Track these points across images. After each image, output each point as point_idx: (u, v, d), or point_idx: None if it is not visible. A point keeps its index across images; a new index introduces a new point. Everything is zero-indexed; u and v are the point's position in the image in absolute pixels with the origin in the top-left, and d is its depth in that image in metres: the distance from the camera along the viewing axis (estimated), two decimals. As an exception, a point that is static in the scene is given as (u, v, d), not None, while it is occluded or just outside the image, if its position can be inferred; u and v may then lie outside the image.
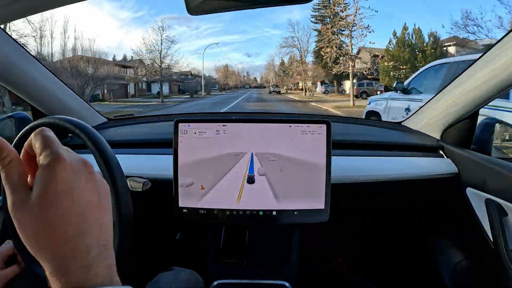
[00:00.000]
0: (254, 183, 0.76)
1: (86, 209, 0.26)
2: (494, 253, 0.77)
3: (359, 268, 1.27)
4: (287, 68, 31.86)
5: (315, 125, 0.76)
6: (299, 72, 26.25)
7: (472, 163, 0.86)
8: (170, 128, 0.77)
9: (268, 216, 0.77)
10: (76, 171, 0.26)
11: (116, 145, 0.96)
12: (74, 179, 0.25)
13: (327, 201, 0.76)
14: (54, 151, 0.25)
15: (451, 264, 0.98)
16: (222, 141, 0.76)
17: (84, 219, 0.25)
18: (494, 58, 0.74)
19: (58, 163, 0.25)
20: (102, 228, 0.26)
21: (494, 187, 0.79)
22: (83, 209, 0.25)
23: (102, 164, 0.48)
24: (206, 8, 0.50)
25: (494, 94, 0.79)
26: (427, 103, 1.05)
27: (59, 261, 0.24)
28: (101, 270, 0.25)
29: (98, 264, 0.25)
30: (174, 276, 0.74)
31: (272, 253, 0.91)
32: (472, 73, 0.82)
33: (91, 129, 0.50)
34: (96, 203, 0.26)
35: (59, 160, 0.25)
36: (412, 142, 1.02)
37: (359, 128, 1.21)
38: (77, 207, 0.25)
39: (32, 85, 0.89)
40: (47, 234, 0.24)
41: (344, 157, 0.92)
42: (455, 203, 0.94)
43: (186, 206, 0.77)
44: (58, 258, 0.24)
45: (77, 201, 0.25)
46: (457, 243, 1.00)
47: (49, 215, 0.24)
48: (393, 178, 0.89)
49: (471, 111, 0.88)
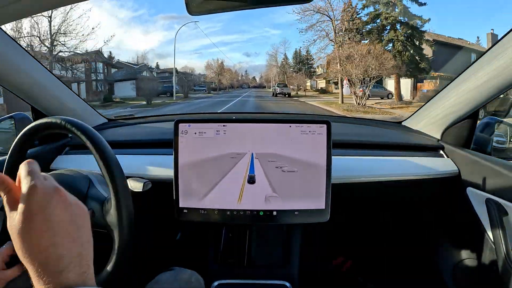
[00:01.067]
0: (254, 183, 0.76)
1: (57, 226, 0.32)
2: (494, 253, 0.77)
3: (360, 268, 1.27)
4: (307, 57, 20.42)
5: (315, 125, 0.76)
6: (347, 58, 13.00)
7: (472, 163, 0.86)
8: (170, 129, 0.77)
9: (269, 216, 0.77)
10: (48, 196, 0.32)
11: (117, 145, 0.96)
12: (45, 202, 0.32)
13: (328, 201, 0.76)
14: (30, 181, 0.32)
15: (451, 264, 0.98)
16: (222, 141, 0.76)
17: (56, 233, 0.31)
18: (494, 58, 0.74)
19: (32, 189, 0.32)
20: (75, 241, 0.32)
21: (494, 187, 0.79)
22: (54, 225, 0.31)
23: (102, 164, 0.48)
24: (206, 8, 0.50)
25: (494, 94, 0.79)
26: (427, 103, 1.05)
27: (37, 266, 0.30)
28: (72, 276, 0.30)
29: (69, 270, 0.30)
30: (174, 276, 0.74)
31: (272, 253, 0.91)
32: (472, 73, 0.82)
33: (91, 129, 0.50)
34: (68, 221, 0.32)
35: (33, 187, 0.32)
36: (413, 142, 1.02)
37: (359, 128, 1.21)
38: (49, 223, 0.31)
39: (32, 85, 0.89)
40: (26, 244, 0.31)
41: (344, 157, 0.92)
42: (455, 203, 0.94)
43: (186, 206, 0.77)
44: (36, 263, 0.30)
45: (48, 218, 0.31)
46: (457, 242, 1.00)
47: (27, 229, 0.31)
48: (394, 178, 0.89)
49: (471, 111, 0.88)
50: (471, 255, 0.93)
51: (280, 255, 0.91)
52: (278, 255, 0.91)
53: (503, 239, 0.74)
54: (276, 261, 0.90)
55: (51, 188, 0.33)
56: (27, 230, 0.31)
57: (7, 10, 0.56)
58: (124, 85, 18.58)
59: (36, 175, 0.34)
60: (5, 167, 0.56)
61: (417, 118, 1.12)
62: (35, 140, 0.95)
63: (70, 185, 0.54)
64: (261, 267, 0.89)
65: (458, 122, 0.94)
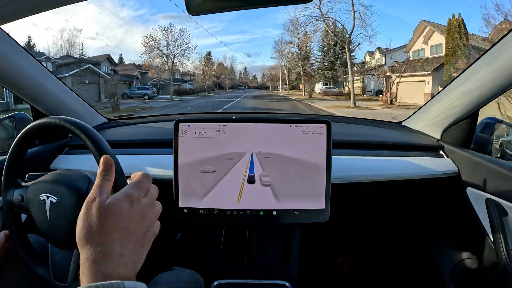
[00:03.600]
0: (254, 183, 0.76)
1: (132, 228, 0.36)
2: (494, 253, 0.77)
3: (359, 268, 1.27)
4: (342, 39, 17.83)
5: (315, 125, 0.76)
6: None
7: (472, 163, 0.86)
8: (170, 129, 0.77)
9: (269, 216, 0.77)
10: (140, 209, 0.38)
11: (116, 145, 0.96)
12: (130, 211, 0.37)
13: (327, 201, 0.76)
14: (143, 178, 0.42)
15: (451, 264, 0.98)
16: (222, 141, 0.76)
17: (130, 233, 0.36)
18: (494, 58, 0.74)
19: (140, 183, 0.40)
20: (136, 249, 0.36)
21: (494, 187, 0.79)
22: (131, 224, 0.36)
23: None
24: (206, 8, 0.50)
25: (494, 94, 0.79)
26: (427, 103, 1.05)
27: (98, 251, 0.33)
28: (122, 271, 0.33)
29: (119, 265, 0.34)
30: (174, 276, 0.74)
31: (272, 253, 0.91)
32: (472, 73, 0.82)
33: (91, 129, 0.50)
34: (142, 231, 0.38)
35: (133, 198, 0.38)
36: (412, 142, 1.02)
37: (359, 128, 1.21)
38: (131, 225, 0.36)
39: (32, 85, 0.89)
40: (103, 227, 0.34)
41: (344, 157, 0.92)
42: (455, 203, 0.94)
43: (186, 206, 0.77)
44: (98, 249, 0.33)
45: (131, 220, 0.36)
46: (457, 243, 1.00)
47: (114, 214, 0.35)
48: (393, 178, 0.89)
49: (471, 111, 0.88)
50: (471, 255, 0.93)
51: (280, 255, 0.91)
52: (278, 255, 0.91)
53: (503, 239, 0.74)
54: (276, 261, 0.90)
55: (150, 203, 0.40)
56: (118, 212, 0.35)
57: (7, 10, 0.56)
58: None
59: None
60: (5, 167, 0.56)
61: (417, 118, 1.12)
62: (35, 140, 0.96)
63: (70, 184, 0.54)
64: (261, 267, 0.89)
65: (458, 122, 0.94)
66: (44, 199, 0.53)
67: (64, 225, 0.52)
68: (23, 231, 0.58)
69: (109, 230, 0.34)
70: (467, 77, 0.83)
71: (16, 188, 0.57)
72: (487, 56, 0.76)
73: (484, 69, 0.77)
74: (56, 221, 0.53)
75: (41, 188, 0.54)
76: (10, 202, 0.57)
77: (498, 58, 0.73)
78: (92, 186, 0.39)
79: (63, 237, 0.53)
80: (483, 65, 0.78)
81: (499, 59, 0.72)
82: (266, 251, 0.91)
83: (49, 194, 0.53)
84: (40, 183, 0.56)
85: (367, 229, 1.32)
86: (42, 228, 0.54)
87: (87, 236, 0.34)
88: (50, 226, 0.53)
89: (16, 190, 0.57)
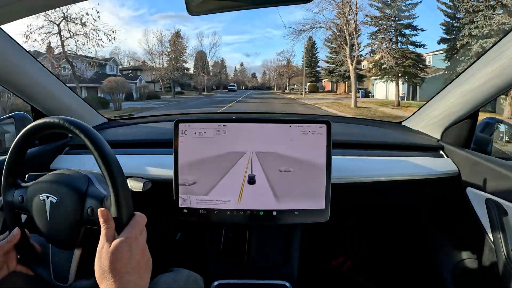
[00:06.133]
0: (254, 183, 0.76)
1: (136, 260, 0.45)
2: (494, 253, 0.77)
3: (360, 268, 1.27)
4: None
5: (315, 125, 0.76)
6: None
7: (472, 163, 0.86)
8: (170, 129, 0.77)
9: (269, 216, 0.77)
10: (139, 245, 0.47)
11: (116, 145, 0.96)
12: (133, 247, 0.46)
13: (327, 201, 0.76)
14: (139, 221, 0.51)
15: (451, 264, 0.98)
16: (222, 141, 0.76)
17: (134, 265, 0.45)
18: (494, 58, 0.74)
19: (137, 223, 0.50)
20: (141, 276, 0.45)
21: (494, 187, 0.79)
22: (134, 259, 0.45)
23: (102, 164, 0.48)
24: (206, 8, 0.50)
25: (494, 94, 0.79)
26: (427, 103, 1.05)
27: (112, 282, 0.42)
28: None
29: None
30: (174, 277, 0.74)
31: (272, 253, 0.91)
32: (472, 73, 0.82)
33: (91, 129, 0.50)
34: (143, 264, 0.46)
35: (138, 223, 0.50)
36: (412, 142, 1.02)
37: (359, 128, 1.21)
38: (133, 260, 0.45)
39: (32, 85, 0.89)
40: (113, 265, 0.43)
41: (344, 157, 0.92)
42: (455, 203, 0.94)
43: (186, 206, 0.77)
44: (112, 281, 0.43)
45: (132, 257, 0.45)
46: (457, 242, 1.00)
47: (121, 254, 0.45)
48: (393, 178, 0.89)
49: (471, 111, 0.88)
50: (471, 255, 0.93)
51: (280, 255, 0.91)
52: (278, 255, 0.91)
53: (503, 239, 0.74)
54: (276, 261, 0.90)
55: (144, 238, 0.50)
56: (121, 254, 0.44)
57: (7, 10, 0.56)
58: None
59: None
60: (5, 167, 0.56)
61: (417, 118, 1.12)
62: (35, 140, 0.96)
63: (69, 184, 0.54)
64: (261, 267, 0.89)
65: (458, 122, 0.94)
66: (44, 199, 0.53)
67: (64, 225, 0.52)
68: (23, 231, 0.58)
69: (118, 270, 0.43)
70: (467, 77, 0.83)
71: (16, 188, 0.57)
72: (487, 56, 0.76)
73: (484, 69, 0.77)
74: (56, 221, 0.53)
75: (41, 188, 0.54)
76: (10, 202, 0.57)
77: (498, 58, 0.73)
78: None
79: (63, 237, 0.53)
80: (483, 65, 0.78)
81: (499, 59, 0.72)
82: (266, 251, 0.91)
83: (49, 194, 0.53)
84: (40, 183, 0.55)
85: (367, 229, 1.32)
86: (42, 228, 0.54)
87: (101, 277, 0.44)
88: (50, 226, 0.53)
89: (16, 191, 0.57)
